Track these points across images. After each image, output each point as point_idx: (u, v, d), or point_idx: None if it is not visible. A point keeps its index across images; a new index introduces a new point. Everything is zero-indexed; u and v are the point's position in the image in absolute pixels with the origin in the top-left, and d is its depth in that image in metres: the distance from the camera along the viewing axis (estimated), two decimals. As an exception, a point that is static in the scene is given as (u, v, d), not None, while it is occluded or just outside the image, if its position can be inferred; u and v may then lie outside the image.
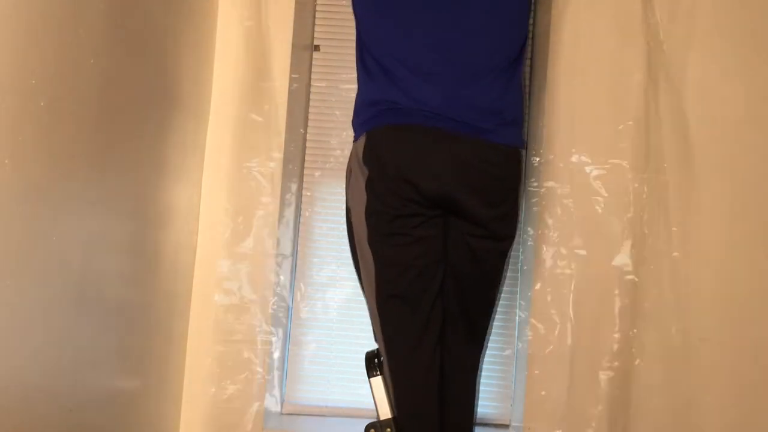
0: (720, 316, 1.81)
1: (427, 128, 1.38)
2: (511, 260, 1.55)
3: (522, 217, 1.94)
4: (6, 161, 0.95)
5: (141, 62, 1.44)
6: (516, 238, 1.55)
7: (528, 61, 1.92)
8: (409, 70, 1.40)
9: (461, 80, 1.40)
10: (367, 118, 1.43)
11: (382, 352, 1.47)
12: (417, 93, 1.39)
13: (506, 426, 1.97)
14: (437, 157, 1.38)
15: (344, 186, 1.97)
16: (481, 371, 1.60)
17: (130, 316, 1.47)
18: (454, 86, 1.40)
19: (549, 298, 1.83)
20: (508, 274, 1.61)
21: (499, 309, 1.99)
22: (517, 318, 2.00)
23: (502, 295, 1.98)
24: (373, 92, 1.44)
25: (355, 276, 1.98)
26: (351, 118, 1.91)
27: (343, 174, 1.99)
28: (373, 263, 1.43)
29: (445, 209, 1.42)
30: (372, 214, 1.41)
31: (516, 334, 2.00)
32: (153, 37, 1.49)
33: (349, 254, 1.99)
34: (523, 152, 1.49)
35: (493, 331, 2.00)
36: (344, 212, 1.74)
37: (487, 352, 2.00)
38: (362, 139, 1.43)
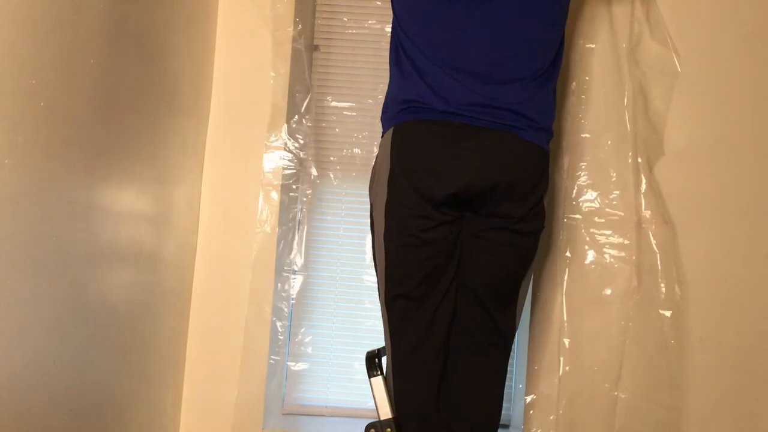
0: (720, 316, 1.81)
1: (455, 123, 1.37)
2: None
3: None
4: (6, 161, 0.95)
5: (141, 62, 1.44)
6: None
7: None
8: (442, 69, 1.39)
9: (494, 82, 1.39)
10: (395, 112, 1.43)
11: (387, 350, 1.47)
12: (447, 92, 1.38)
13: (506, 426, 1.97)
14: (463, 149, 1.37)
15: (345, 186, 2.00)
16: (506, 373, 1.52)
17: (130, 316, 1.47)
18: (486, 87, 1.39)
19: (549, 299, 1.84)
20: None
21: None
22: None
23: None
24: (404, 90, 1.43)
25: (354, 276, 2.00)
26: (350, 118, 1.92)
27: (344, 173, 2.02)
28: (384, 260, 1.43)
29: (466, 205, 1.40)
30: (390, 210, 1.40)
31: (516, 335, 2.00)
32: (153, 37, 1.49)
33: (349, 254, 2.01)
34: (549, 156, 1.46)
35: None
36: (344, 212, 1.76)
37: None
38: (389, 133, 1.43)
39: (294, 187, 1.97)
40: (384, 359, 1.49)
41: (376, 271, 1.49)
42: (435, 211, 1.38)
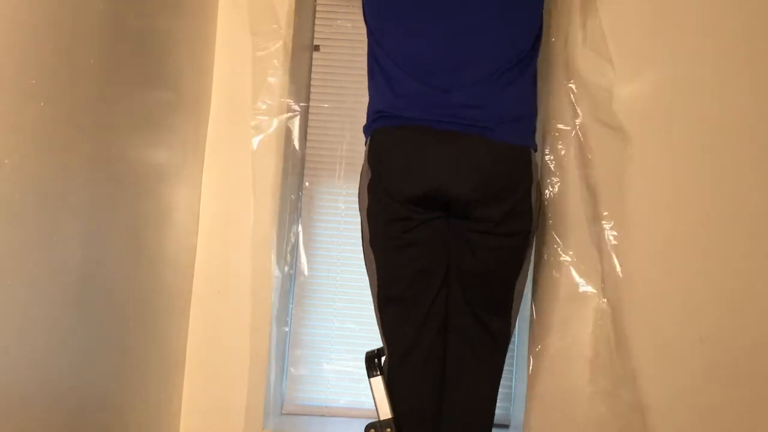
0: (720, 316, 1.81)
1: (423, 128, 1.38)
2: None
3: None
4: (6, 161, 0.95)
5: (141, 62, 1.44)
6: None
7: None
8: (409, 75, 1.40)
9: (462, 82, 1.39)
10: (371, 122, 1.46)
11: (385, 351, 1.48)
12: (415, 97, 1.40)
13: (506, 426, 1.97)
14: (430, 154, 1.38)
15: (345, 186, 2.01)
16: (500, 378, 1.52)
17: (130, 316, 1.47)
18: (453, 88, 1.39)
19: (548, 299, 1.83)
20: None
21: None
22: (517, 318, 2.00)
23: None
24: (377, 100, 1.46)
25: (354, 276, 2.00)
26: (350, 118, 1.95)
27: (344, 173, 2.02)
28: (374, 264, 1.45)
29: (444, 208, 1.41)
30: (372, 215, 1.43)
31: (516, 335, 2.00)
32: (153, 37, 1.49)
33: (349, 254, 2.01)
34: (532, 150, 1.44)
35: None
36: (344, 212, 1.79)
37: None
38: (368, 142, 1.46)
39: (294, 187, 1.97)
40: (383, 359, 1.50)
41: (368, 276, 1.50)
42: (413, 212, 1.39)
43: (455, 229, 1.43)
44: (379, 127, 1.42)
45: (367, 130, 1.48)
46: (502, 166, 1.39)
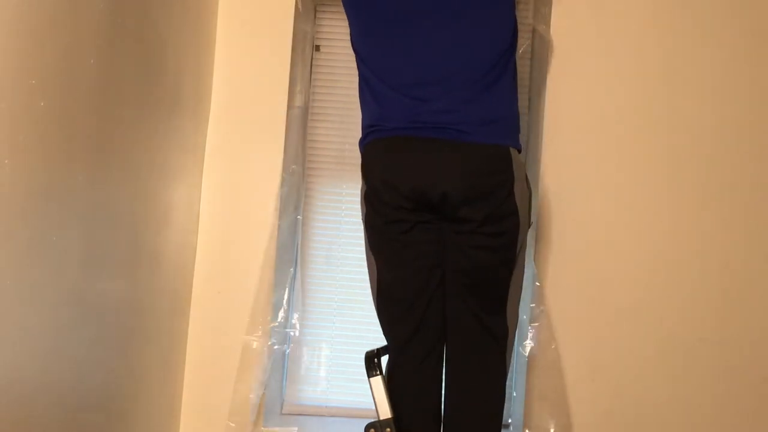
0: (719, 316, 1.81)
1: (406, 137, 1.43)
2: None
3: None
4: (6, 161, 0.95)
5: (141, 62, 1.44)
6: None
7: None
8: (391, 88, 1.46)
9: (441, 91, 1.43)
10: (363, 137, 1.52)
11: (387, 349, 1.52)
12: (397, 110, 1.45)
13: (506, 426, 1.97)
14: (412, 161, 1.42)
15: (344, 185, 2.04)
16: (505, 377, 1.51)
17: (130, 316, 1.47)
18: (433, 97, 1.43)
19: (549, 301, 1.83)
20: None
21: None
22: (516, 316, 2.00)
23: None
24: (366, 116, 1.52)
25: (354, 276, 2.00)
26: (350, 118, 1.98)
27: (344, 173, 2.03)
28: (374, 267, 1.50)
29: (432, 211, 1.43)
30: (370, 222, 1.48)
31: (516, 335, 2.00)
32: (153, 37, 1.49)
33: (349, 254, 2.01)
34: (512, 149, 1.45)
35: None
36: (344, 212, 1.92)
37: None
38: (361, 157, 1.52)
39: (294, 188, 1.96)
40: (383, 359, 1.51)
41: (369, 280, 1.54)
42: (407, 215, 1.43)
43: (447, 231, 1.45)
44: (370, 142, 1.48)
45: (360, 145, 1.53)
46: (480, 167, 1.42)
